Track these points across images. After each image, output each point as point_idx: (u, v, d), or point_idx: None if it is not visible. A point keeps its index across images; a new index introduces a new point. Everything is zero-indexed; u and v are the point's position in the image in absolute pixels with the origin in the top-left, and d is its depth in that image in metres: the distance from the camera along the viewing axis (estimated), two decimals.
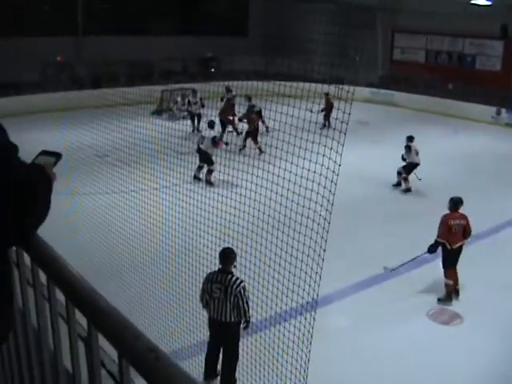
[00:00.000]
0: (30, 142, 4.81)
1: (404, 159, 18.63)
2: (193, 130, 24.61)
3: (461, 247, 11.11)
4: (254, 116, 21.88)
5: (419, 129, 27.09)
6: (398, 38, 37.64)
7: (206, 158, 16.39)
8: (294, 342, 7.36)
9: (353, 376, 8.58)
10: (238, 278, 8.14)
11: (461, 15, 30.76)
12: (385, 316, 10.29)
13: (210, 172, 16.26)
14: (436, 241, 11.10)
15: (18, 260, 2.42)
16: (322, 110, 23.26)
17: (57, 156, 2.33)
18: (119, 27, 32.53)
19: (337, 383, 8.34)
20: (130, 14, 33.40)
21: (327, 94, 22.29)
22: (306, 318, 7.26)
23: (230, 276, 8.11)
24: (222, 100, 24.79)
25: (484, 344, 9.61)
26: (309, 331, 7.07)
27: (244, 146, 20.72)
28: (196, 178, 15.92)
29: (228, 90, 25.64)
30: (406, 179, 18.36)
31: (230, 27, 37.27)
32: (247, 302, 8.08)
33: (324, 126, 23.40)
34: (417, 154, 18.62)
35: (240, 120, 22.32)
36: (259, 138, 20.52)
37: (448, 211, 11.16)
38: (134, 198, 11.12)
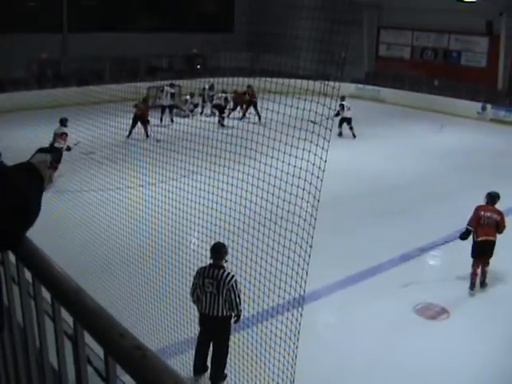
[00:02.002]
0: (15, 139, 4.81)
1: (337, 115, 22.83)
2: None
3: (486, 242, 11.16)
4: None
5: (405, 124, 27.30)
6: (383, 34, 37.74)
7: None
8: (281, 338, 7.36)
9: (339, 372, 8.61)
10: (229, 273, 8.18)
11: (446, 11, 30.86)
12: (372, 311, 10.32)
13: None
14: (466, 228, 11.32)
15: (2, 257, 2.41)
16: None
17: (53, 154, 2.32)
18: (105, 24, 32.40)
19: (324, 379, 8.36)
20: (115, 11, 33.28)
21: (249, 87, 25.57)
22: (293, 315, 7.26)
23: (221, 271, 8.15)
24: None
25: (470, 339, 9.66)
26: (296, 327, 7.07)
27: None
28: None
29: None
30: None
31: (215, 24, 37.20)
32: (239, 296, 8.15)
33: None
34: (348, 109, 24.44)
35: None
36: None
37: (483, 204, 11.38)
38: (119, 196, 11.09)
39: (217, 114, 26.55)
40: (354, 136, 24.56)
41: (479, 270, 11.38)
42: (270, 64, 12.20)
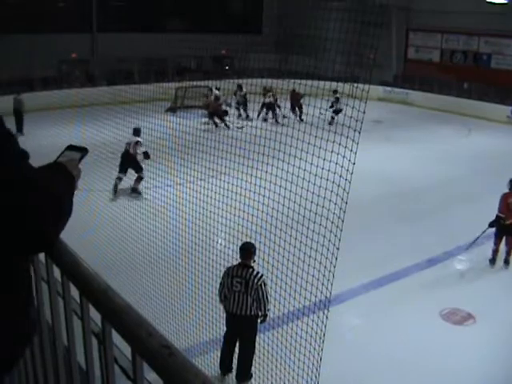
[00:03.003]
0: (46, 138, 4.84)
1: (332, 106, 24.01)
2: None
3: None
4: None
5: (433, 128, 27.10)
6: (412, 37, 37.50)
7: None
8: (306, 340, 7.36)
9: (364, 375, 8.56)
10: (258, 272, 8.25)
11: (476, 13, 30.61)
12: (397, 315, 10.26)
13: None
14: (497, 215, 12.28)
15: (32, 256, 2.43)
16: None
17: (83, 151, 2.30)
18: (133, 24, 32.56)
19: (348, 381, 8.33)
20: (144, 11, 33.43)
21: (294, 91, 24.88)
22: (318, 317, 7.25)
23: (250, 270, 8.22)
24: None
25: (496, 345, 9.57)
26: (321, 329, 7.06)
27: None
28: None
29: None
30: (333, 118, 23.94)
31: (244, 25, 37.24)
32: (267, 296, 8.19)
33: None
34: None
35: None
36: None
37: (508, 191, 12.39)
38: (147, 195, 11.14)
39: (269, 113, 26.81)
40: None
41: (502, 247, 12.46)
42: (299, 66, 12.18)
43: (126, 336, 1.62)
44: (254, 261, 8.46)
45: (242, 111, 28.62)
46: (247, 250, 8.37)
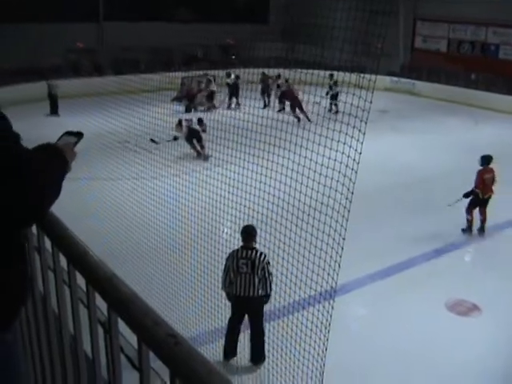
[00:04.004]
0: (51, 126, 4.84)
1: (327, 93, 24.61)
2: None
3: (489, 197, 13.51)
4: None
5: (439, 118, 27.01)
6: (419, 26, 37.33)
7: None
8: (311, 329, 7.36)
9: (369, 365, 8.57)
10: (262, 252, 8.36)
11: (484, 3, 30.45)
12: (403, 305, 10.26)
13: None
14: (473, 190, 13.50)
15: (39, 245, 2.43)
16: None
17: (78, 136, 2.43)
18: (140, 13, 32.54)
19: (353, 372, 8.33)
20: (151, 1, 33.39)
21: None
22: (324, 307, 7.26)
23: (254, 251, 8.34)
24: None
25: (502, 336, 9.56)
26: (327, 319, 7.07)
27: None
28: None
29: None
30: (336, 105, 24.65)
31: (250, 14, 37.16)
32: (271, 276, 8.31)
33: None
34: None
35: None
36: None
37: (481, 167, 13.69)
38: (153, 184, 11.15)
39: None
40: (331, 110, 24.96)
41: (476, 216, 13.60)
42: (305, 55, 12.15)
43: (132, 325, 1.62)
44: (256, 242, 8.55)
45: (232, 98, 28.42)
46: (249, 233, 8.47)
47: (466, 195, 13.51)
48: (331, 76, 24.58)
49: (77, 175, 2.11)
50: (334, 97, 25.15)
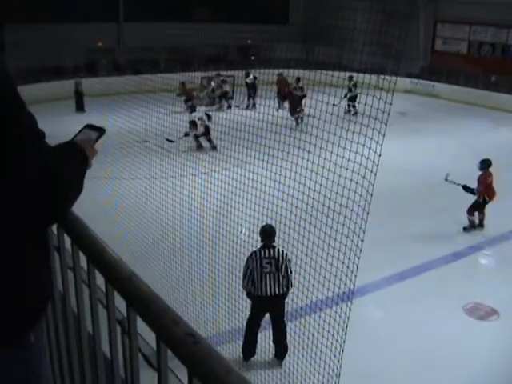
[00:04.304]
0: (72, 125, 4.85)
1: (346, 95, 24.74)
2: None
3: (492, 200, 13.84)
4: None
5: (459, 121, 26.88)
6: (440, 28, 37.16)
7: None
8: (328, 331, 7.35)
9: (386, 368, 8.53)
10: (283, 250, 8.43)
11: (505, 5, 30.27)
12: (420, 309, 10.21)
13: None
14: (475, 193, 13.81)
15: (58, 244, 2.44)
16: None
17: (100, 131, 2.32)
18: (160, 14, 32.65)
19: (369, 374, 8.30)
20: (171, 1, 33.49)
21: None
22: (341, 308, 7.24)
23: (276, 249, 8.42)
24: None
25: None
26: (344, 321, 7.05)
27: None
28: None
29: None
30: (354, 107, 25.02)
31: (270, 15, 37.18)
32: (292, 272, 8.43)
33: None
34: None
35: None
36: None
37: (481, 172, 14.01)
38: (173, 184, 11.17)
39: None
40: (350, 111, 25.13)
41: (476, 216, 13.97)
42: (325, 56, 12.14)
43: (151, 324, 1.62)
44: (274, 241, 8.61)
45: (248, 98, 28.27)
46: (269, 233, 8.57)
47: (465, 188, 14.00)
48: (351, 78, 24.35)
49: (95, 174, 2.09)
50: (353, 99, 25.08)
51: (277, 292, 8.28)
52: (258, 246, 8.66)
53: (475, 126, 25.96)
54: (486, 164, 14.06)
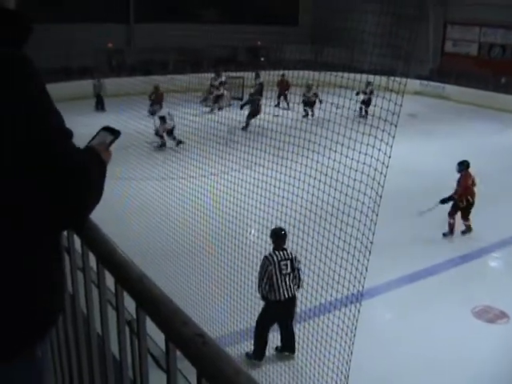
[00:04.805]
0: (82, 126, 4.86)
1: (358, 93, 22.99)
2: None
3: (473, 201, 13.59)
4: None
5: (469, 123, 26.80)
6: (450, 30, 37.06)
7: None
8: (337, 333, 7.34)
9: (394, 371, 8.50)
10: (291, 251, 8.59)
11: None
12: (429, 311, 10.18)
13: None
14: (452, 196, 13.51)
15: (68, 245, 2.45)
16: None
17: (115, 134, 2.31)
18: (170, 15, 32.72)
19: (378, 377, 8.28)
20: (181, 2, 33.55)
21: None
22: (350, 310, 7.23)
23: (288, 251, 8.57)
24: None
25: None
26: (353, 323, 7.04)
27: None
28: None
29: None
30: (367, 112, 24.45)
31: (279, 16, 37.19)
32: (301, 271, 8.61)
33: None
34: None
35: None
36: None
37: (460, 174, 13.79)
38: (182, 185, 11.18)
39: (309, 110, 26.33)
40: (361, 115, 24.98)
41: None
42: (335, 58, 12.14)
43: (160, 324, 1.63)
44: (285, 243, 8.70)
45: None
46: (280, 235, 8.67)
47: (444, 201, 13.59)
48: (368, 83, 24.02)
49: (108, 174, 2.08)
50: (366, 103, 24.96)
51: (293, 293, 8.42)
52: (268, 248, 8.66)
53: (485, 128, 25.87)
54: (464, 165, 13.92)
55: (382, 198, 6.90)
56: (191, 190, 10.74)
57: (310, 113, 25.36)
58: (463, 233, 13.76)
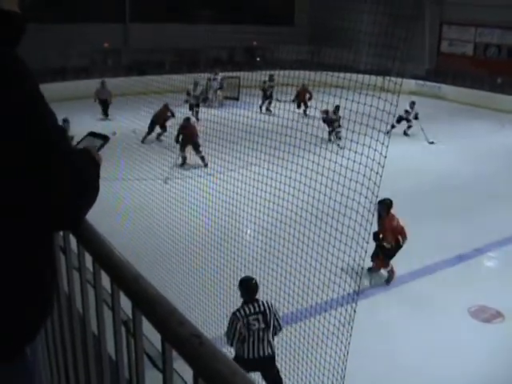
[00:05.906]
0: (77, 126, 4.88)
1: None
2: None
3: (400, 245, 11.49)
4: None
5: (465, 122, 26.83)
6: (446, 30, 37.13)
7: None
8: (333, 333, 7.34)
9: (390, 371, 8.51)
10: (267, 301, 7.58)
11: (511, 7, 30.23)
12: (425, 311, 10.20)
13: None
14: (379, 236, 11.26)
15: (64, 245, 2.44)
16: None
17: (104, 139, 2.28)
18: (166, 15, 32.71)
19: (374, 377, 8.28)
20: (177, 2, 33.54)
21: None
22: (346, 310, 7.24)
23: (260, 302, 7.46)
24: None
25: None
26: (349, 323, 7.04)
27: None
28: None
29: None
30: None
31: (276, 16, 37.17)
32: (280, 318, 7.59)
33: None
34: None
35: None
36: None
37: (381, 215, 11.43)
38: (178, 185, 11.18)
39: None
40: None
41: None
42: (331, 58, 12.14)
43: (157, 325, 1.62)
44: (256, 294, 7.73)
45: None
46: (252, 288, 7.58)
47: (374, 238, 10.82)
48: (413, 104, 24.07)
49: (101, 175, 2.08)
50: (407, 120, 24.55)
51: (266, 353, 7.35)
52: (264, 250, 8.54)
53: (481, 128, 25.92)
54: (386, 206, 11.44)
55: (377, 197, 6.91)
56: (187, 190, 10.75)
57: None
58: (387, 282, 11.52)
